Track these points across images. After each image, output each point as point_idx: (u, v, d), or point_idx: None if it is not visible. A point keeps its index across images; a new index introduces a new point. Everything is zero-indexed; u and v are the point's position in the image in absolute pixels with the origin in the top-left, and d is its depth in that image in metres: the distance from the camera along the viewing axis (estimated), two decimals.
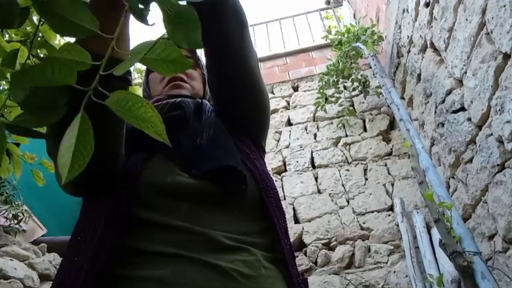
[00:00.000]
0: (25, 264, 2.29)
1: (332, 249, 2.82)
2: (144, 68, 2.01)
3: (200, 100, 0.92)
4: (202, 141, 0.77)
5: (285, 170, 3.43)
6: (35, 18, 1.09)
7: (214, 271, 0.61)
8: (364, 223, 2.91)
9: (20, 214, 2.57)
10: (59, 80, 0.42)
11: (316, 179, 3.30)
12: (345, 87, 3.74)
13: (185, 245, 0.62)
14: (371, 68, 3.50)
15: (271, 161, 3.47)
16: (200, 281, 0.59)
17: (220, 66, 0.82)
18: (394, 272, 2.57)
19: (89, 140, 0.39)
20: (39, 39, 1.24)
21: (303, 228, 2.94)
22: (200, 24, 0.46)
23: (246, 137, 0.88)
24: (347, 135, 3.56)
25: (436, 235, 2.32)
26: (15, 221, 2.54)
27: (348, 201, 3.08)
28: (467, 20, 2.00)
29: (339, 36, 3.66)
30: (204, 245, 0.63)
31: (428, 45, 2.61)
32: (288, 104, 4.01)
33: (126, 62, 0.42)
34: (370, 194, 3.07)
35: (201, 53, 1.06)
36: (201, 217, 0.67)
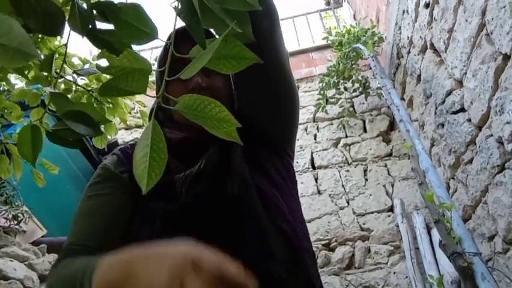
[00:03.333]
0: (25, 265, 2.29)
1: (332, 250, 2.81)
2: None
3: None
4: (229, 191, 0.70)
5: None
6: None
7: None
8: (364, 224, 2.91)
9: (20, 215, 2.57)
10: (136, 89, 0.44)
11: (316, 179, 3.30)
12: (345, 88, 3.74)
13: None
14: (371, 69, 3.50)
15: None
16: None
17: None
18: (394, 272, 2.57)
19: (162, 148, 0.40)
20: (39, 39, 1.24)
21: None
22: (249, 18, 0.45)
23: (269, 148, 0.82)
24: (347, 136, 3.56)
25: (436, 236, 2.32)
26: (15, 222, 2.54)
27: (348, 202, 3.08)
28: (467, 21, 2.00)
29: (340, 38, 3.66)
30: None
31: (428, 46, 2.62)
32: None
33: (192, 65, 0.41)
34: (370, 195, 3.07)
35: None
36: None
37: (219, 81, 0.85)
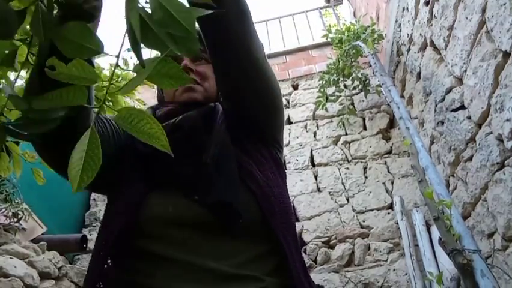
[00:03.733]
0: (25, 262, 2.29)
1: (332, 247, 2.82)
2: None
3: (213, 105, 0.88)
4: (208, 160, 0.75)
5: (285, 168, 3.42)
6: None
7: None
8: (364, 221, 2.91)
9: (20, 212, 2.57)
10: (73, 101, 0.48)
11: (316, 177, 3.30)
12: (345, 86, 3.74)
13: (190, 281, 0.63)
14: (370, 66, 3.49)
15: None
16: None
17: (220, 58, 0.78)
18: (394, 270, 2.58)
19: (97, 154, 0.44)
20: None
21: (302, 227, 2.95)
22: (196, 34, 0.47)
23: (255, 138, 0.85)
24: (346, 134, 3.56)
25: (436, 233, 2.32)
26: (15, 220, 2.54)
27: (347, 200, 3.09)
28: (467, 18, 2.00)
29: (339, 35, 3.66)
30: (207, 278, 0.63)
31: (428, 44, 2.61)
32: (288, 102, 4.01)
33: (132, 81, 0.45)
34: (370, 192, 3.07)
35: None
36: (203, 246, 0.66)
37: (208, 70, 0.92)
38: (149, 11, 0.45)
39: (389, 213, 2.90)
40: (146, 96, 2.60)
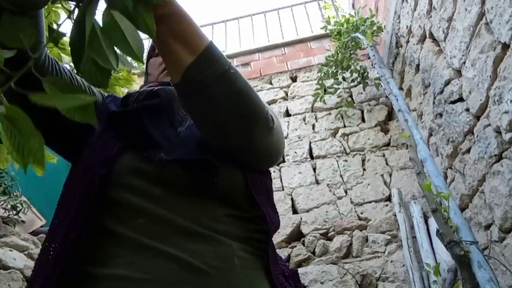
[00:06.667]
0: (24, 254, 2.30)
1: (330, 239, 2.83)
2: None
3: None
4: (183, 129, 0.77)
5: (284, 161, 3.43)
6: None
7: (183, 266, 0.59)
8: (362, 213, 2.92)
9: (18, 205, 2.57)
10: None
11: (314, 169, 3.31)
12: (343, 78, 3.73)
13: (156, 234, 0.62)
14: (369, 58, 3.48)
15: None
16: (168, 277, 0.58)
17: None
18: (391, 261, 2.59)
19: None
20: None
21: (301, 219, 2.96)
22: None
23: None
24: (345, 126, 3.56)
25: (433, 225, 2.34)
26: (14, 212, 2.55)
27: (346, 192, 3.10)
28: (466, 9, 1.99)
29: (338, 27, 3.64)
30: (175, 235, 0.62)
31: (427, 35, 2.60)
32: (287, 94, 4.00)
33: (50, 98, 0.43)
34: (368, 185, 3.08)
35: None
36: (174, 203, 0.66)
37: None
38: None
39: (387, 205, 2.91)
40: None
